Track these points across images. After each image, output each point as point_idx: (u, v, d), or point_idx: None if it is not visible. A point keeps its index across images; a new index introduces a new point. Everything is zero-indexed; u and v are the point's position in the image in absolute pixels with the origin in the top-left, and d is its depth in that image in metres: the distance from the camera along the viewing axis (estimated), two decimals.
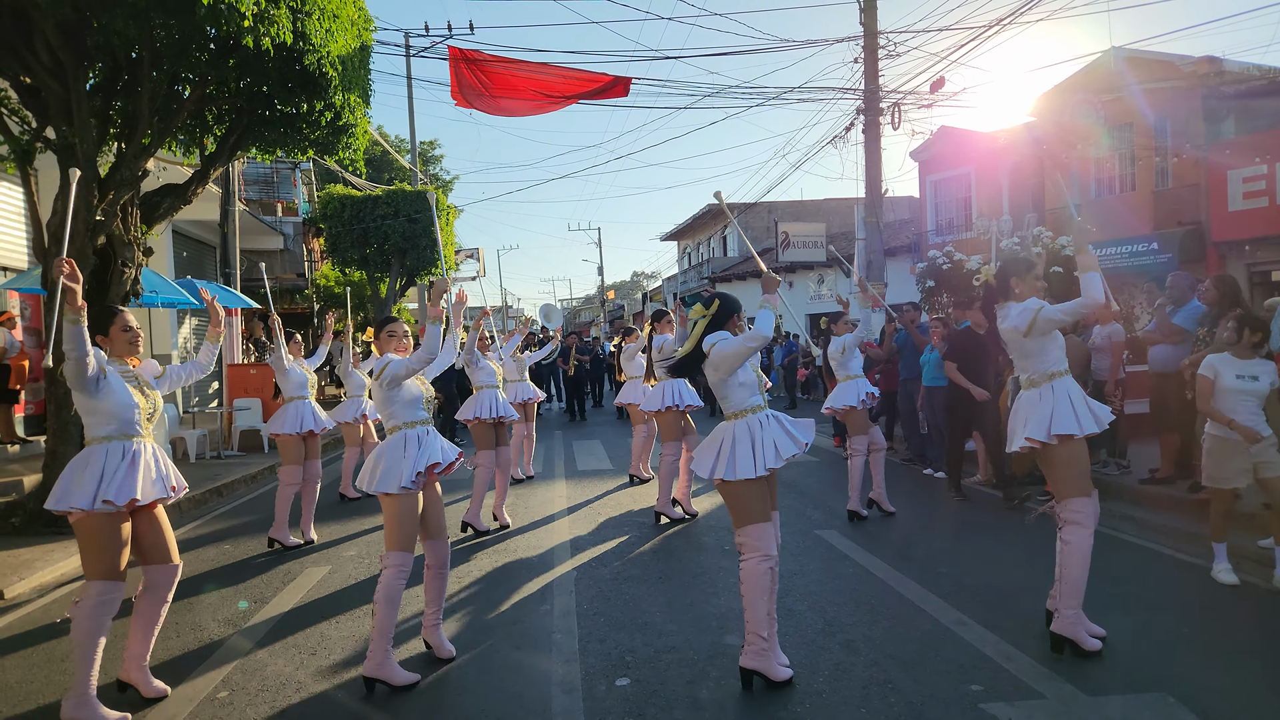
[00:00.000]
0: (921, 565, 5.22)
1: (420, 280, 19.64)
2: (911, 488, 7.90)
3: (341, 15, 6.90)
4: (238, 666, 3.93)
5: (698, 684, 3.56)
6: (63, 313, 3.28)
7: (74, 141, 6.57)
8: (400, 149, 30.40)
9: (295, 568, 5.73)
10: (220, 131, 8.08)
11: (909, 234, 21.54)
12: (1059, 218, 15.11)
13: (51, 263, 6.71)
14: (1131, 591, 4.66)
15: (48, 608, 5.06)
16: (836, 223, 26.56)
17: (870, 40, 13.47)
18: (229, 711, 3.46)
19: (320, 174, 25.11)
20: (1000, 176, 18.29)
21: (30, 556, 6.08)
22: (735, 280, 27.39)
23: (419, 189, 19.03)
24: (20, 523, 6.82)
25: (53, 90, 6.48)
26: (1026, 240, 12.19)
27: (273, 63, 6.47)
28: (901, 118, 13.73)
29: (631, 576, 5.18)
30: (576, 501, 7.69)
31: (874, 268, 13.47)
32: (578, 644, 4.06)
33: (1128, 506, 6.55)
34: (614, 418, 15.96)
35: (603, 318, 50.09)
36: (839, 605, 4.50)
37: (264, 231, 17.52)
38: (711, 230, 34.35)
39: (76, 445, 6.98)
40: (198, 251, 15.35)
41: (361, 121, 8.13)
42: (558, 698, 3.47)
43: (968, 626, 4.13)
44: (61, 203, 6.78)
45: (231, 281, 12.86)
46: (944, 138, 18.99)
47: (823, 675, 3.60)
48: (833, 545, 5.79)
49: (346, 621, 4.54)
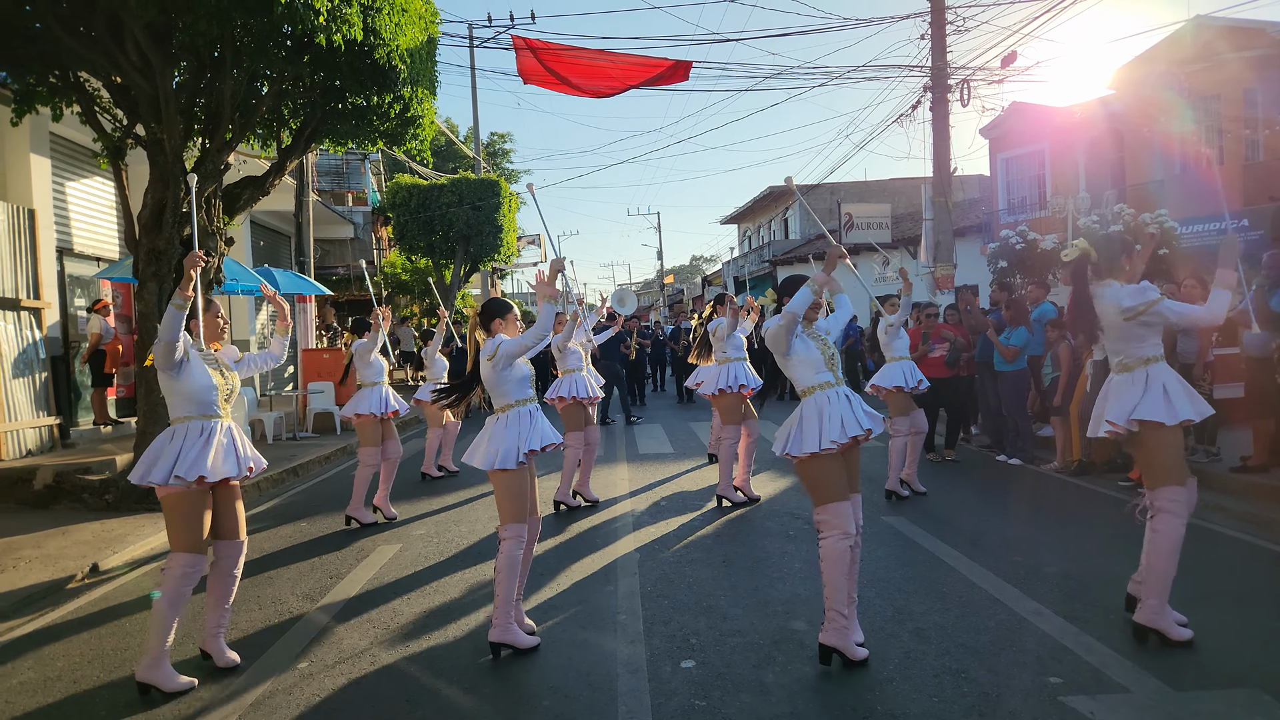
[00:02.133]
0: (995, 553, 5.10)
1: (484, 266, 19.97)
2: (986, 474, 7.72)
3: (410, 9, 7.04)
4: (315, 639, 4.10)
5: (764, 668, 3.56)
6: (170, 297, 3.56)
7: (162, 137, 6.87)
8: (466, 139, 30.83)
9: (368, 545, 5.92)
10: (295, 125, 8.35)
11: (979, 214, 20.92)
12: (1141, 194, 14.49)
13: (143, 253, 7.10)
14: (1222, 584, 4.47)
15: (139, 580, 5.35)
16: (902, 203, 25.93)
17: (937, 16, 13.07)
18: (309, 682, 3.61)
19: (388, 164, 25.66)
20: (1076, 153, 17.60)
21: (123, 531, 6.43)
22: (797, 263, 26.99)
23: (483, 177, 19.30)
24: (113, 499, 7.21)
25: (142, 89, 6.77)
26: (1106, 218, 11.72)
27: (345, 57, 6.65)
28: (971, 94, 13.30)
29: (694, 560, 5.20)
30: (638, 485, 7.74)
31: (943, 248, 13.13)
32: (642, 625, 4.10)
33: (1218, 496, 6.28)
34: (674, 402, 15.97)
35: (662, 302, 50.06)
36: (909, 593, 4.44)
37: (335, 221, 18.02)
38: (772, 213, 33.92)
39: (164, 425, 7.32)
40: (273, 240, 15.90)
41: (429, 112, 8.29)
42: (623, 677, 3.52)
43: (1045, 617, 4.02)
44: (152, 196, 7.10)
45: (306, 269, 13.28)
46: (1016, 114, 18.36)
47: (893, 663, 3.56)
48: (901, 532, 5.70)
49: (417, 598, 4.68)
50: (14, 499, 7.40)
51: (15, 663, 4.01)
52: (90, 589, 5.22)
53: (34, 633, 4.44)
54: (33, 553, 5.82)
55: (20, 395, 8.41)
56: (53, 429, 8.86)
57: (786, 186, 4.84)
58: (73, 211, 10.01)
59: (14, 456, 8.20)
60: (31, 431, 8.53)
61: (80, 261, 10.17)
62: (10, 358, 8.28)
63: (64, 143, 9.68)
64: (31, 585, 5.10)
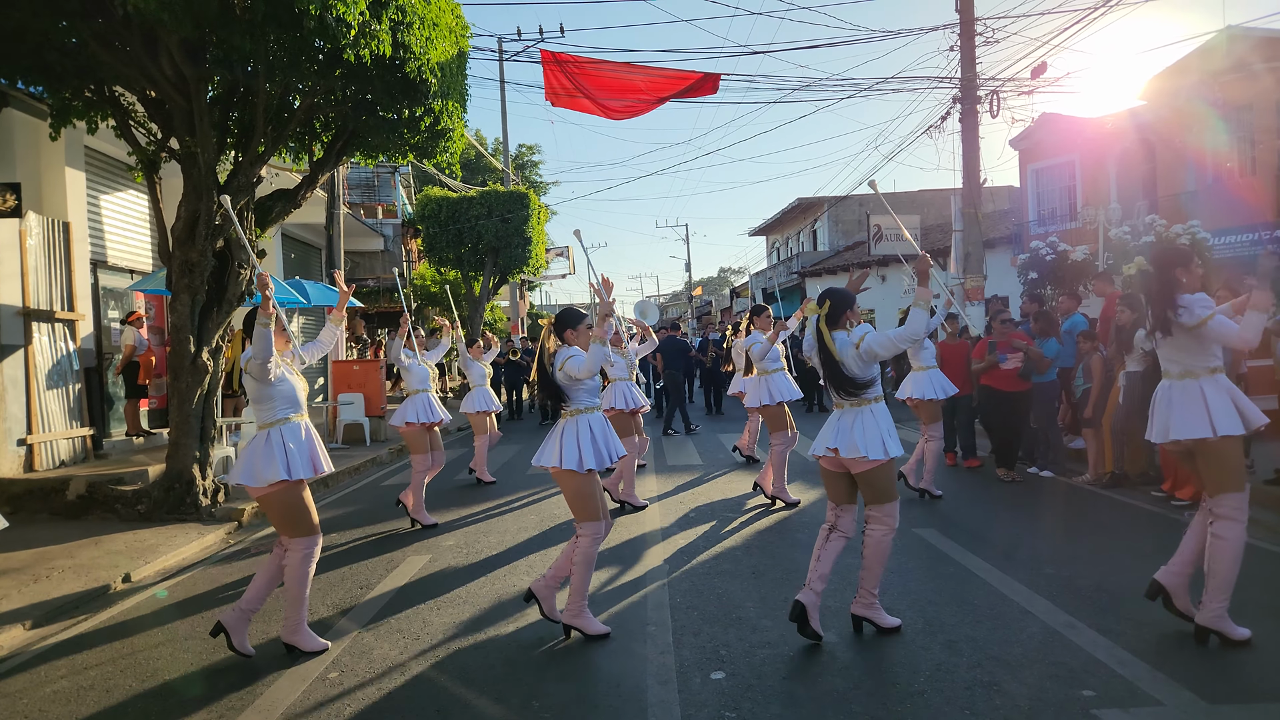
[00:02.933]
0: (1027, 566, 5.03)
1: (512, 279, 20.09)
2: (1018, 487, 7.60)
3: (441, 23, 7.12)
4: (346, 649, 4.11)
5: (794, 680, 3.53)
6: (246, 316, 4.14)
7: (196, 151, 7.00)
8: (495, 152, 31.13)
9: (397, 556, 5.95)
10: (327, 138, 8.47)
11: (1008, 225, 20.72)
12: (1173, 205, 14.28)
13: (176, 265, 7.23)
14: (1257, 597, 4.36)
15: (171, 590, 5.41)
16: (932, 214, 25.74)
17: (966, 28, 13.01)
18: (339, 691, 3.62)
19: (418, 177, 25.95)
20: (1107, 164, 17.40)
21: (155, 541, 6.51)
22: (825, 275, 26.88)
23: (512, 189, 19.46)
24: (146, 510, 7.31)
25: (176, 103, 6.91)
26: (1138, 229, 11.58)
27: (376, 71, 6.73)
28: (1000, 105, 13.22)
29: (724, 571, 5.17)
30: (668, 495, 7.71)
31: (973, 259, 13.01)
32: (671, 636, 4.08)
33: (1252, 509, 6.10)
34: (703, 413, 15.91)
35: (690, 314, 50.03)
36: (939, 605, 4.38)
37: (365, 233, 18.25)
38: (801, 224, 33.82)
39: (196, 437, 7.44)
40: (304, 253, 16.11)
41: (458, 126, 8.37)
42: (653, 688, 3.50)
43: (1078, 630, 3.95)
44: (186, 209, 7.23)
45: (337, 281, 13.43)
46: (1046, 125, 18.19)
47: (924, 675, 3.51)
48: (932, 544, 5.63)
49: (447, 608, 4.68)
50: (47, 509, 7.52)
51: (49, 671, 4.06)
52: (124, 598, 5.28)
53: (67, 641, 4.50)
54: (66, 562, 5.91)
55: (54, 406, 8.57)
56: (86, 440, 9.01)
57: (872, 191, 5.08)
58: (106, 224, 10.20)
59: (47, 467, 8.34)
60: (65, 442, 8.68)
61: (113, 274, 10.36)
62: (44, 369, 8.45)
63: (98, 156, 9.88)
64: (65, 595, 5.17)
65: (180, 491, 7.28)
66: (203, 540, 6.59)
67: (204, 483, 7.43)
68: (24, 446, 8.11)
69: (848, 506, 4.06)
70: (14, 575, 5.57)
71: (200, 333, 7.44)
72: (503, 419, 15.40)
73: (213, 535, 6.76)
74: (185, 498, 7.27)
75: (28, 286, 8.23)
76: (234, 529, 7.12)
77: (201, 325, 7.47)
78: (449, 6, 7.60)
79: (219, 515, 7.35)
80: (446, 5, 7.50)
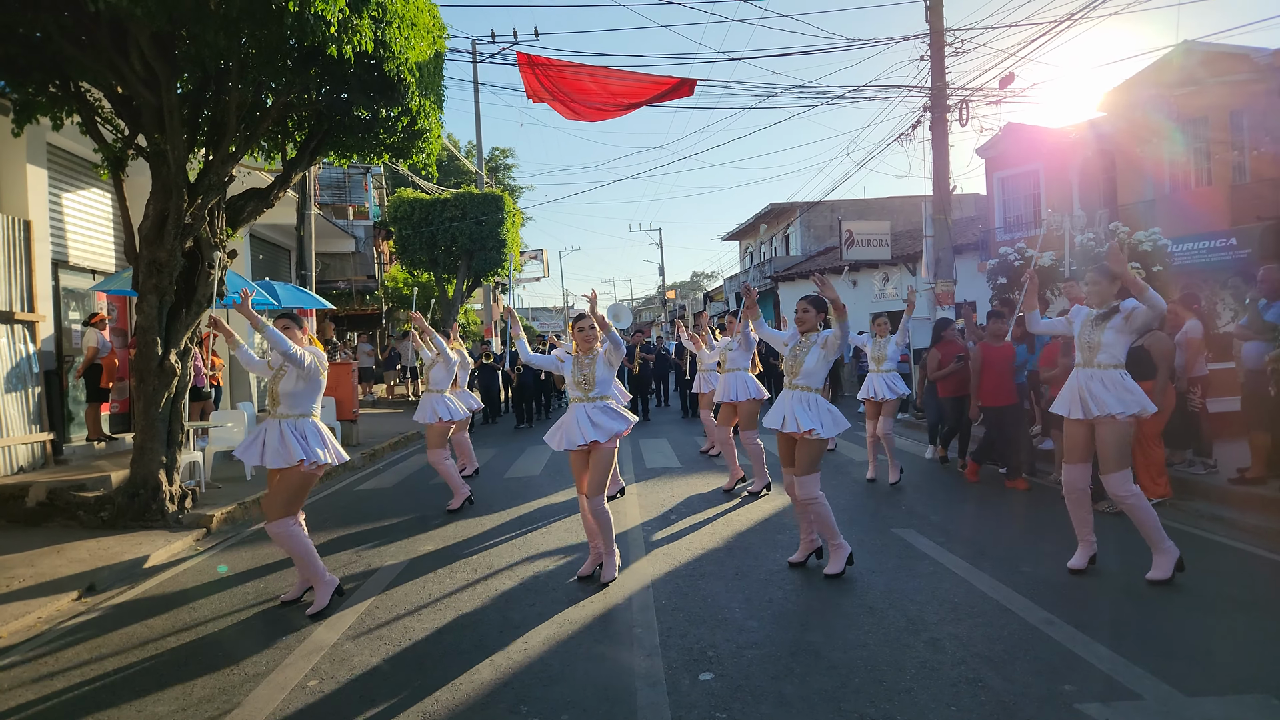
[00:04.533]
0: (1003, 564, 5.11)
1: (486, 281, 19.97)
2: (989, 487, 7.71)
3: (419, 23, 7.07)
4: (326, 656, 4.03)
5: (783, 680, 3.53)
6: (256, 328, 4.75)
7: (165, 149, 6.84)
8: (469, 154, 30.93)
9: (374, 560, 5.86)
10: (301, 137, 8.33)
11: (976, 231, 21.10)
12: (1132, 214, 14.64)
13: (143, 265, 7.05)
14: (1226, 591, 4.49)
15: (139, 597, 5.27)
16: (901, 220, 26.11)
17: (936, 38, 13.23)
18: (321, 699, 3.55)
19: (390, 178, 25.70)
20: (1070, 173, 17.82)
21: (120, 549, 6.31)
22: (798, 279, 27.13)
23: (486, 192, 19.35)
24: (109, 516, 7.08)
25: (145, 100, 6.74)
26: (1100, 236, 11.84)
27: (354, 70, 6.65)
28: (970, 115, 13.44)
29: (707, 573, 5.17)
30: (646, 499, 7.69)
31: (943, 265, 13.21)
32: (658, 638, 4.06)
33: (1216, 507, 6.31)
34: (679, 416, 15.94)
35: (663, 318, 50.14)
36: (921, 604, 4.42)
37: (337, 235, 18.01)
38: (774, 230, 34.07)
39: (163, 441, 7.26)
40: (273, 254, 15.86)
41: (435, 126, 8.31)
42: (642, 691, 3.48)
43: (1056, 625, 4.02)
44: (154, 208, 7.07)
45: (307, 283, 13.24)
46: (1011, 134, 18.57)
47: (909, 673, 3.54)
48: (910, 544, 5.68)
49: (428, 613, 4.62)
50: (5, 516, 7.26)
51: (10, 680, 3.93)
52: (89, 608, 5.13)
53: (32, 652, 4.36)
54: (26, 571, 5.72)
55: (12, 410, 8.31)
56: (45, 445, 8.75)
57: (781, 201, 5.31)
58: (69, 223, 9.94)
59: (5, 473, 8.09)
60: (24, 447, 8.43)
61: (76, 274, 10.09)
62: (3, 372, 8.20)
63: (60, 153, 9.64)
64: (25, 604, 5.00)
65: (146, 497, 7.08)
66: (170, 547, 6.42)
67: (171, 488, 7.24)
68: None
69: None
70: None
71: (168, 334, 7.27)
72: (477, 422, 15.27)
73: (180, 542, 6.59)
74: (151, 504, 7.07)
75: None
76: (202, 535, 6.95)
77: (169, 327, 7.29)
78: (426, 7, 7.55)
79: (186, 522, 7.17)
80: (424, 5, 7.45)
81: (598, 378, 4.99)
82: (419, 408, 7.73)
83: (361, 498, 8.45)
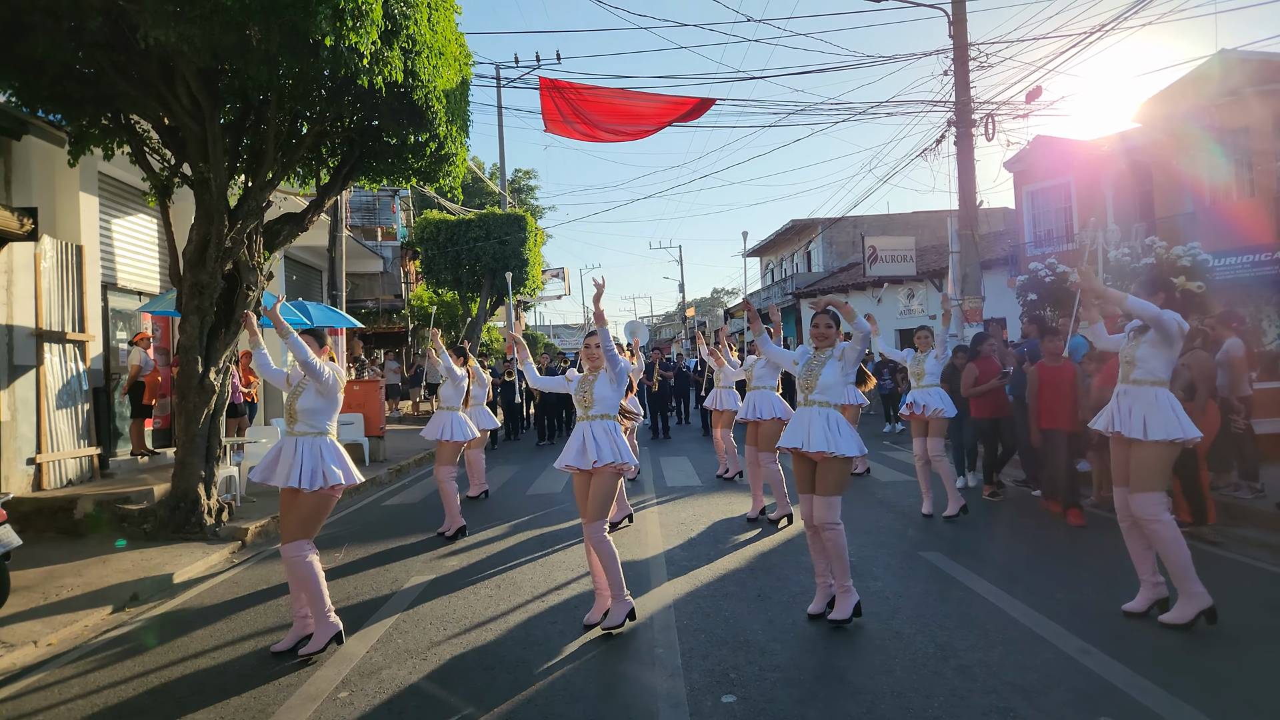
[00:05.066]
0: (1036, 590, 5.03)
1: (509, 300, 20.16)
2: (1022, 510, 7.61)
3: (446, 52, 7.25)
4: (355, 669, 4.12)
5: (807, 704, 3.54)
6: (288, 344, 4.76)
7: (208, 176, 7.08)
8: (493, 175, 31.36)
9: (400, 577, 5.95)
10: (334, 163, 8.57)
11: (1004, 246, 20.86)
12: (1171, 227, 14.41)
13: (186, 287, 7.27)
14: (1269, 621, 4.38)
15: (178, 609, 5.41)
16: (926, 235, 25.92)
17: (960, 53, 13.19)
18: (350, 711, 3.64)
19: (417, 200, 26.12)
20: (1103, 186, 17.55)
21: (161, 560, 6.50)
22: (820, 295, 27.00)
23: (509, 212, 19.59)
24: (151, 529, 7.30)
25: (191, 130, 7.00)
26: (1137, 250, 11.69)
27: (385, 98, 6.83)
28: (996, 129, 13.37)
29: (729, 594, 5.18)
30: (667, 517, 7.72)
31: (970, 280, 13.11)
32: (680, 659, 4.09)
33: (1263, 533, 6.17)
34: (699, 434, 15.92)
35: (683, 335, 50.12)
36: (950, 629, 4.39)
37: (365, 255, 18.33)
38: (795, 246, 34.01)
39: (202, 457, 7.46)
40: (305, 275, 16.18)
41: (461, 151, 8.48)
42: (665, 711, 3.51)
43: (1093, 655, 3.95)
44: (198, 232, 7.28)
45: (338, 303, 13.50)
46: (1040, 147, 18.36)
47: (938, 701, 3.53)
48: (938, 567, 5.64)
49: (453, 629, 4.69)
50: (54, 528, 7.52)
51: (61, 689, 4.07)
52: (130, 619, 5.29)
53: (78, 659, 4.51)
54: (74, 580, 5.91)
55: (63, 426, 8.58)
56: (93, 459, 9.02)
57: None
58: (116, 247, 10.28)
59: (55, 486, 8.35)
60: (73, 461, 8.69)
61: (122, 295, 10.42)
62: (55, 389, 8.48)
63: (110, 181, 9.98)
64: (73, 613, 5.17)
65: (185, 511, 7.29)
66: (207, 559, 6.60)
67: (209, 502, 7.44)
68: (33, 465, 8.13)
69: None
70: (24, 593, 5.57)
71: (208, 353, 7.49)
72: (499, 438, 15.39)
73: (217, 554, 6.77)
74: (190, 517, 7.27)
75: (41, 308, 8.29)
76: (238, 548, 7.12)
77: (209, 346, 7.51)
78: (454, 35, 7.73)
79: (223, 534, 7.35)
80: (451, 34, 7.63)
81: (596, 395, 4.86)
82: (429, 425, 7.66)
83: (388, 513, 8.58)
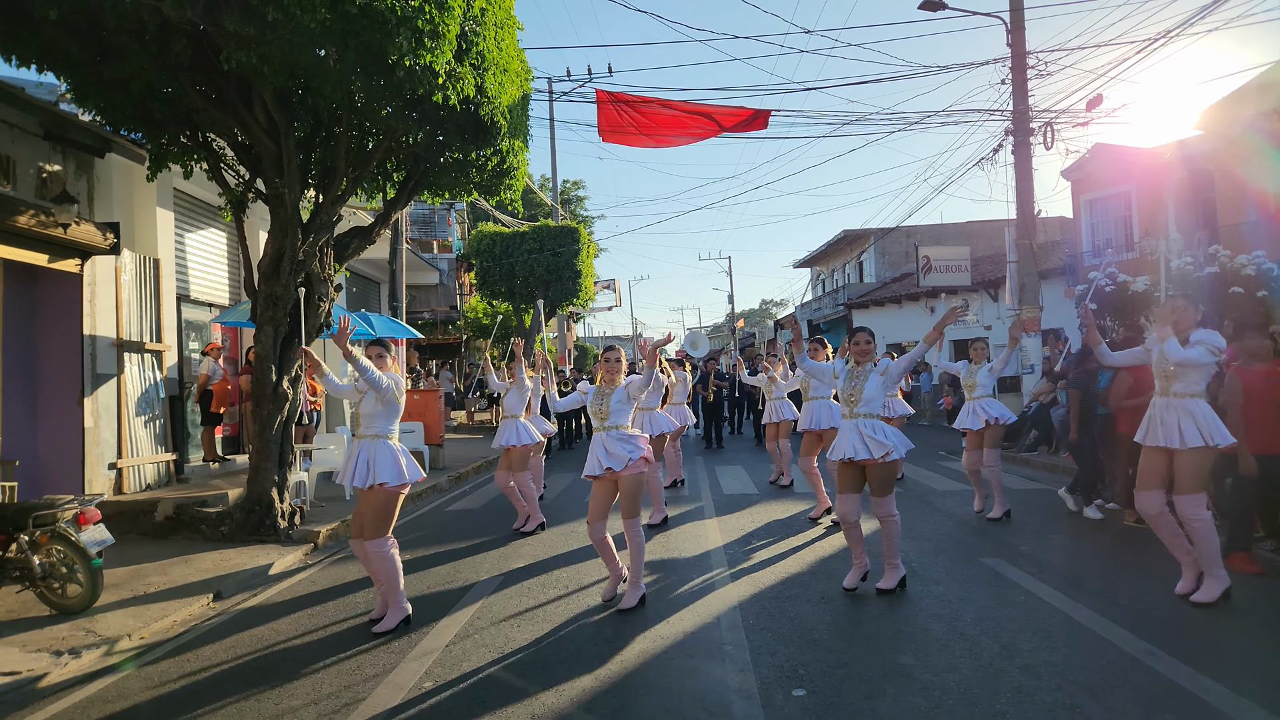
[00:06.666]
0: (1100, 595, 5.03)
1: (561, 311, 20.47)
2: (1083, 518, 7.54)
3: (510, 68, 7.49)
4: (437, 660, 4.31)
5: (876, 699, 3.61)
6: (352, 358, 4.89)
7: (283, 192, 7.41)
8: (543, 186, 31.85)
9: (470, 574, 6.15)
10: (399, 178, 8.88)
11: (1061, 255, 20.52)
12: (1235, 236, 14.06)
13: (261, 299, 7.62)
14: None
15: (264, 604, 5.67)
16: (981, 245, 25.60)
17: (1018, 61, 13.12)
18: (437, 698, 3.82)
19: (471, 213, 26.67)
20: (1164, 194, 17.19)
21: (240, 559, 6.80)
22: (873, 306, 26.83)
23: (562, 224, 19.91)
24: (228, 531, 7.63)
25: (266, 147, 7.34)
26: (1200, 260, 11.46)
27: (453, 114, 7.09)
28: (1055, 137, 13.24)
29: (793, 595, 5.26)
30: (727, 524, 7.79)
31: (1028, 290, 12.96)
32: (749, 655, 4.19)
33: None
34: (752, 445, 15.94)
35: (733, 345, 50.08)
36: (1014, 631, 4.42)
37: (422, 267, 18.81)
38: (847, 256, 33.84)
39: (276, 462, 7.78)
40: (365, 286, 16.68)
41: (522, 165, 8.73)
42: (737, 703, 3.61)
43: (1157, 656, 3.97)
44: (272, 246, 7.63)
45: (398, 314, 13.90)
46: (1099, 155, 18.07)
47: (1004, 698, 3.57)
48: (1000, 573, 5.64)
49: (527, 624, 4.86)
50: (136, 530, 7.89)
51: (160, 674, 4.33)
52: (217, 613, 5.56)
53: (177, 648, 4.79)
54: (160, 579, 6.22)
55: (142, 432, 9.02)
56: (169, 464, 9.44)
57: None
58: (190, 260, 10.77)
59: (135, 490, 8.77)
60: (151, 466, 9.12)
61: (195, 307, 10.89)
62: (134, 397, 8.92)
63: (184, 197, 10.47)
64: (163, 607, 5.47)
65: (260, 514, 7.60)
66: (284, 559, 6.88)
67: (282, 505, 7.74)
68: (114, 470, 8.55)
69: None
70: (113, 589, 5.88)
71: (281, 362, 7.81)
72: (554, 447, 15.59)
73: (292, 555, 7.05)
74: (265, 520, 7.58)
75: (121, 319, 8.74)
76: (311, 550, 7.40)
77: (283, 355, 7.83)
78: (516, 52, 7.97)
79: (296, 537, 7.65)
80: (514, 50, 7.88)
81: (612, 409, 5.17)
82: (499, 432, 7.95)
83: (452, 518, 8.81)
